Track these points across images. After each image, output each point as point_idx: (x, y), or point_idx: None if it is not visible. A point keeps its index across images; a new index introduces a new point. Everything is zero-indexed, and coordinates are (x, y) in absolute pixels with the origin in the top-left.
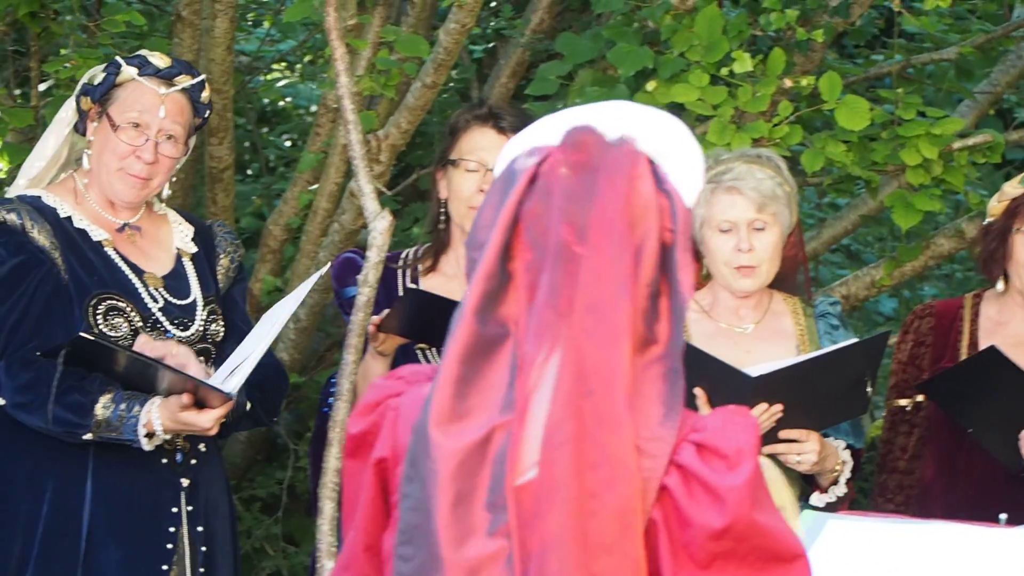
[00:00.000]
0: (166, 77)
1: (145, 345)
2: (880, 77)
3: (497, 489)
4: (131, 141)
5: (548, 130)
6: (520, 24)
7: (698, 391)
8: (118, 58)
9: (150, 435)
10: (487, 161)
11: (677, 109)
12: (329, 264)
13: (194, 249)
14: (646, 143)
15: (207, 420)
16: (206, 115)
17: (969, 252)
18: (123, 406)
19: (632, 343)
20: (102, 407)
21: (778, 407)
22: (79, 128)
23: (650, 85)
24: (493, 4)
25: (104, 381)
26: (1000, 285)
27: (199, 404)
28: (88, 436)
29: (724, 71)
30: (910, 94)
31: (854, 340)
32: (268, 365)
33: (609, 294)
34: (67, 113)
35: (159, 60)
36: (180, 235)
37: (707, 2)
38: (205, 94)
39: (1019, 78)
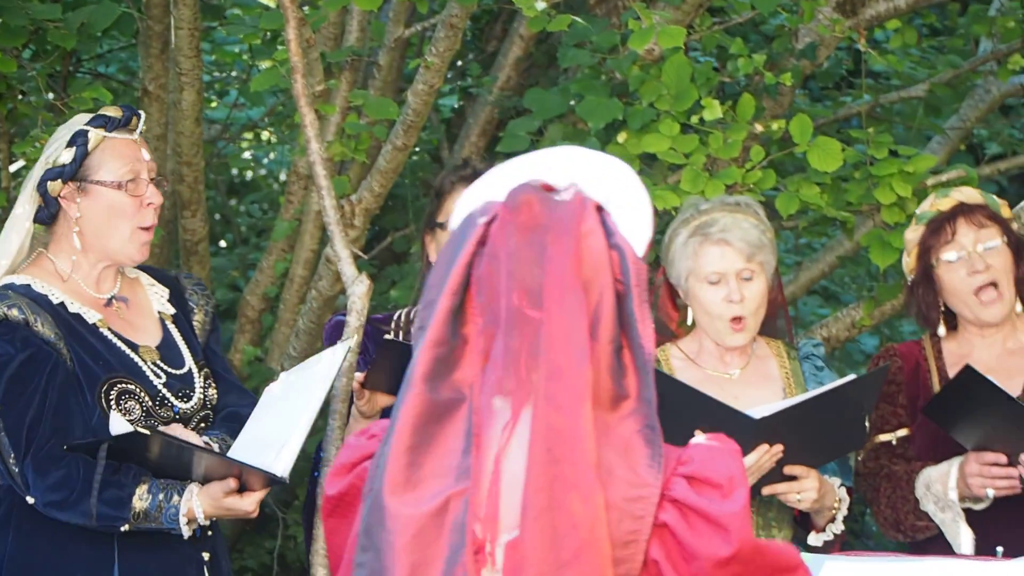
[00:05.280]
0: (126, 124)
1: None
2: (849, 118)
3: (455, 560)
4: (137, 192)
5: (499, 183)
6: (487, 82)
7: (698, 434)
8: (80, 128)
9: (189, 521)
10: None
11: (649, 159)
12: (355, 337)
13: (172, 310)
14: (593, 190)
15: (250, 504)
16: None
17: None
18: (161, 496)
19: (603, 401)
20: (139, 499)
21: (778, 447)
22: (39, 218)
23: (621, 136)
24: (460, 63)
25: (138, 472)
26: (942, 330)
27: (240, 488)
28: (125, 528)
29: (694, 119)
30: (881, 133)
31: (854, 376)
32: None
33: (569, 360)
34: (23, 208)
35: (113, 112)
36: (156, 298)
37: (674, 51)
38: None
39: (988, 112)
